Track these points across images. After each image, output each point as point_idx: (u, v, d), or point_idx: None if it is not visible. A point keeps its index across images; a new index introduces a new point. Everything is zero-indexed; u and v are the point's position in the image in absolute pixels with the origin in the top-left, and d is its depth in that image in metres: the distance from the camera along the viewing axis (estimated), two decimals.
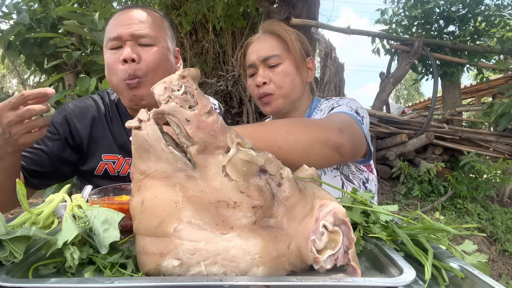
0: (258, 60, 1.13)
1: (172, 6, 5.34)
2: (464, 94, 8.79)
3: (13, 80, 18.87)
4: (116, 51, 1.06)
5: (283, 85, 1.11)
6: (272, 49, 1.13)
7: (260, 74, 1.12)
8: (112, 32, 1.06)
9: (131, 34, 1.04)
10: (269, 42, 1.15)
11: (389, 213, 0.64)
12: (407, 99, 29.93)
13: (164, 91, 0.56)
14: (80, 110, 1.17)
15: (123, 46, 1.05)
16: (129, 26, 1.05)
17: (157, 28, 1.10)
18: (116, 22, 1.08)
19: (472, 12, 4.99)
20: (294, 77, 1.13)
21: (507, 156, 4.12)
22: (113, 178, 1.17)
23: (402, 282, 0.46)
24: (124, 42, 1.05)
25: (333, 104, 1.11)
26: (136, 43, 1.05)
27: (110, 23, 1.11)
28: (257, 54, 1.13)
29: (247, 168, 0.54)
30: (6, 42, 2.32)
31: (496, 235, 3.54)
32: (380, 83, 4.36)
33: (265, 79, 1.11)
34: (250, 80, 1.18)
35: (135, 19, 1.06)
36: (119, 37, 1.04)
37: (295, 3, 4.09)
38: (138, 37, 1.05)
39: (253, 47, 1.17)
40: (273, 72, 1.12)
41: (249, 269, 0.51)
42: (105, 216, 0.56)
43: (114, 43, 1.05)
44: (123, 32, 1.04)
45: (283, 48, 1.13)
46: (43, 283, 0.46)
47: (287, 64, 1.13)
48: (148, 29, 1.07)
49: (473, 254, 0.57)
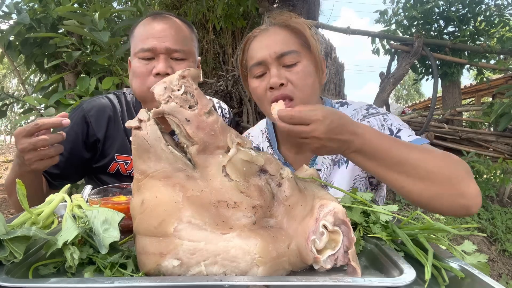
0: (271, 57, 0.93)
1: (172, 6, 5.34)
2: (464, 94, 8.79)
3: (13, 80, 18.87)
4: (147, 62, 1.07)
5: (304, 88, 0.93)
6: (287, 44, 0.94)
7: (274, 73, 0.92)
8: (145, 43, 1.07)
9: (166, 48, 1.06)
10: (283, 35, 0.95)
11: (389, 213, 0.64)
12: (406, 99, 29.93)
13: (164, 91, 0.56)
14: (97, 110, 1.18)
15: (155, 58, 1.07)
16: (164, 39, 1.06)
17: (189, 42, 1.13)
18: (149, 32, 1.08)
19: (472, 12, 4.99)
20: (314, 79, 0.97)
21: (507, 156, 4.12)
22: (124, 177, 1.18)
23: (402, 282, 0.46)
24: (158, 55, 1.06)
25: (389, 125, 0.97)
26: (169, 57, 1.08)
27: (141, 30, 1.10)
28: (268, 49, 0.93)
29: (247, 168, 0.54)
30: (6, 42, 2.32)
31: (496, 235, 3.54)
32: (380, 83, 4.35)
33: (282, 80, 0.92)
34: (256, 82, 0.97)
35: (169, 33, 1.08)
36: (153, 50, 1.06)
37: (295, 3, 4.09)
38: (172, 52, 1.07)
39: (260, 42, 0.97)
40: (290, 71, 0.93)
41: (249, 269, 0.51)
42: (105, 216, 0.56)
43: (147, 54, 1.07)
44: (158, 45, 1.05)
45: (300, 44, 0.95)
46: (43, 283, 0.46)
47: (306, 63, 0.94)
48: (181, 44, 1.09)
49: (473, 254, 0.57)
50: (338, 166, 1.05)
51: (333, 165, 1.05)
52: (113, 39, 2.16)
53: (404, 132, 0.94)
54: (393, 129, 0.96)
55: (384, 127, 0.97)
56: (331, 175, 1.05)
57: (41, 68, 2.62)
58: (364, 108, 1.04)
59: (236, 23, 4.68)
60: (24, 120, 2.32)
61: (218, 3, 4.25)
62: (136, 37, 1.12)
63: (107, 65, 2.27)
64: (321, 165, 1.06)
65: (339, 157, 1.05)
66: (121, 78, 2.26)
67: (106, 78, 2.24)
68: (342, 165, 1.04)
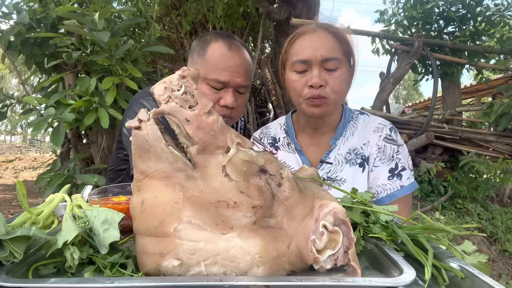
0: (316, 59, 1.03)
1: (172, 6, 5.33)
2: (464, 94, 8.79)
3: (13, 80, 18.87)
4: (216, 92, 1.18)
5: (339, 92, 1.06)
6: (332, 51, 1.03)
7: (316, 75, 1.02)
8: (221, 75, 1.17)
9: (237, 84, 1.19)
10: (329, 41, 1.05)
11: (389, 213, 0.64)
12: (406, 99, 29.92)
13: (164, 91, 0.56)
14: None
15: (223, 89, 1.19)
16: (237, 75, 1.18)
17: (251, 76, 1.29)
18: (226, 65, 1.17)
19: (471, 12, 4.99)
20: (347, 85, 1.09)
21: (507, 156, 4.12)
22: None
23: (402, 282, 0.46)
24: (228, 88, 1.19)
25: (398, 159, 1.12)
26: (235, 90, 1.21)
27: (217, 58, 1.18)
28: (315, 51, 1.03)
29: (247, 168, 0.54)
30: (6, 42, 2.32)
31: (496, 235, 3.54)
32: (380, 83, 4.35)
33: (322, 82, 1.03)
34: (296, 76, 1.07)
35: (243, 69, 1.20)
36: (225, 83, 1.18)
37: (295, 3, 4.09)
38: (240, 87, 1.21)
39: (308, 42, 1.06)
40: (330, 75, 1.04)
41: (249, 269, 0.51)
42: (105, 216, 0.56)
43: (219, 85, 1.18)
44: (231, 80, 1.17)
45: (342, 52, 1.05)
46: (43, 283, 0.46)
47: (344, 70, 1.05)
48: (249, 81, 1.24)
49: (473, 254, 0.57)
50: (349, 164, 1.13)
51: (345, 163, 1.14)
52: (113, 39, 2.16)
53: (405, 173, 1.11)
54: (399, 165, 1.11)
55: (393, 159, 1.12)
56: (341, 172, 1.13)
57: (41, 68, 2.62)
58: (388, 128, 1.15)
59: (236, 23, 4.68)
60: (24, 120, 2.32)
61: (218, 3, 4.25)
62: (209, 63, 1.19)
63: (107, 65, 2.27)
64: (333, 159, 1.15)
65: (352, 156, 1.14)
66: (121, 78, 2.26)
67: (106, 78, 2.24)
68: (354, 165, 1.13)
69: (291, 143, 1.24)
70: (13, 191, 7.49)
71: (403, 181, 1.10)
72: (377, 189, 1.11)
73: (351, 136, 1.16)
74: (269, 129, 1.33)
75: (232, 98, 1.18)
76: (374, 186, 1.12)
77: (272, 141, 1.29)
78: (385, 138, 1.13)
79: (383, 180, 1.11)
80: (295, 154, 1.21)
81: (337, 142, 1.16)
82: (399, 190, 1.09)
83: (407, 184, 1.10)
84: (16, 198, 6.44)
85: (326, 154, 1.16)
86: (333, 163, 1.15)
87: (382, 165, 1.12)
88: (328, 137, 1.18)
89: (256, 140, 1.32)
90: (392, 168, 1.11)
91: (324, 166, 1.15)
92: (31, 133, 2.15)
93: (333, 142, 1.16)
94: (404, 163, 1.12)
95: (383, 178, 1.11)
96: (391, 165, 1.12)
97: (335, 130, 1.18)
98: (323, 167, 1.15)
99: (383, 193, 1.10)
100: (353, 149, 1.14)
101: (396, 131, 1.16)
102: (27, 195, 0.85)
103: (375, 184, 1.12)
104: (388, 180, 1.10)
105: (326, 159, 1.16)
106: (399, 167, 1.11)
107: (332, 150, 1.16)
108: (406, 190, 1.09)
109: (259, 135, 1.33)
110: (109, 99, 2.18)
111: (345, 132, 1.17)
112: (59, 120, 2.14)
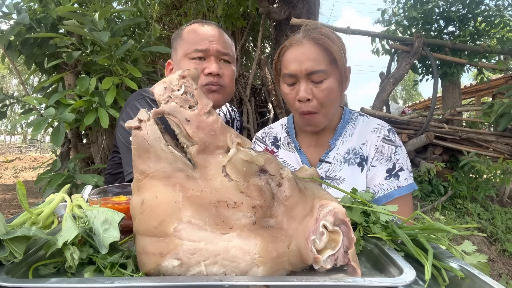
0: (302, 73, 1.05)
1: (172, 6, 5.33)
2: (464, 94, 8.79)
3: (13, 80, 18.87)
4: (198, 62, 1.22)
5: (327, 104, 1.07)
6: (318, 63, 1.04)
7: (303, 89, 1.05)
8: (199, 45, 1.22)
9: (217, 51, 1.23)
10: (314, 53, 1.05)
11: (389, 213, 0.64)
12: (406, 98, 29.94)
13: (164, 91, 0.56)
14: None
15: (206, 59, 1.23)
16: (215, 43, 1.22)
17: (232, 48, 1.32)
18: (202, 36, 1.23)
19: (472, 12, 4.98)
20: (337, 92, 1.09)
21: (507, 156, 4.11)
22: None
23: (402, 282, 0.46)
24: (209, 57, 1.23)
25: (396, 160, 1.13)
26: (218, 59, 1.25)
27: (192, 33, 1.24)
28: (300, 65, 1.04)
29: (247, 168, 0.54)
30: (6, 42, 2.32)
31: (496, 235, 3.54)
32: (380, 83, 4.35)
33: (309, 96, 1.05)
34: (287, 88, 1.10)
35: (219, 38, 1.24)
36: (206, 51, 1.22)
37: (295, 3, 4.09)
38: (221, 54, 1.25)
39: (294, 54, 1.07)
40: (317, 88, 1.05)
41: (249, 269, 0.51)
42: (105, 216, 0.56)
43: (199, 54, 1.22)
44: (210, 47, 1.22)
45: (328, 62, 1.05)
46: (43, 283, 0.46)
47: (331, 80, 1.06)
48: (229, 49, 1.28)
49: (473, 254, 0.57)
50: (348, 164, 1.15)
51: (344, 162, 1.15)
52: (113, 39, 2.16)
53: (403, 173, 1.12)
54: (396, 166, 1.12)
55: (391, 159, 1.13)
56: (339, 171, 1.15)
57: (41, 68, 2.62)
58: (387, 129, 1.17)
59: (236, 23, 4.68)
60: (23, 120, 2.31)
61: (218, 3, 4.25)
62: (187, 40, 1.24)
63: (107, 65, 2.27)
64: (332, 159, 1.17)
65: (351, 156, 1.15)
66: (121, 78, 2.26)
67: (106, 78, 2.24)
68: (353, 165, 1.15)
69: (291, 142, 1.27)
70: (13, 191, 7.50)
71: (401, 182, 1.11)
72: (374, 188, 1.12)
73: (350, 137, 1.18)
74: (271, 129, 1.37)
75: (215, 65, 1.22)
76: (371, 185, 1.13)
77: (273, 140, 1.32)
78: (383, 138, 1.15)
79: (380, 180, 1.11)
80: (295, 153, 1.23)
81: (336, 142, 1.18)
82: (396, 190, 1.10)
83: (405, 184, 1.11)
84: (16, 198, 6.44)
85: (326, 153, 1.18)
86: (332, 162, 1.16)
87: (379, 165, 1.13)
88: (327, 137, 1.20)
89: (258, 140, 1.35)
90: (390, 168, 1.12)
91: (323, 165, 1.17)
92: (31, 133, 2.15)
93: (333, 142, 1.18)
94: (402, 164, 1.13)
95: (380, 178, 1.12)
96: (388, 165, 1.13)
97: (334, 130, 1.20)
98: (322, 166, 1.17)
99: (380, 193, 1.10)
100: (352, 149, 1.16)
101: (394, 132, 1.18)
102: (27, 195, 0.85)
103: (372, 184, 1.12)
104: (385, 180, 1.11)
105: (325, 158, 1.17)
106: (397, 168, 1.12)
107: (331, 150, 1.18)
108: (403, 191, 1.10)
109: (261, 135, 1.36)
110: (109, 99, 2.18)
111: (345, 132, 1.19)
112: (59, 120, 2.14)
